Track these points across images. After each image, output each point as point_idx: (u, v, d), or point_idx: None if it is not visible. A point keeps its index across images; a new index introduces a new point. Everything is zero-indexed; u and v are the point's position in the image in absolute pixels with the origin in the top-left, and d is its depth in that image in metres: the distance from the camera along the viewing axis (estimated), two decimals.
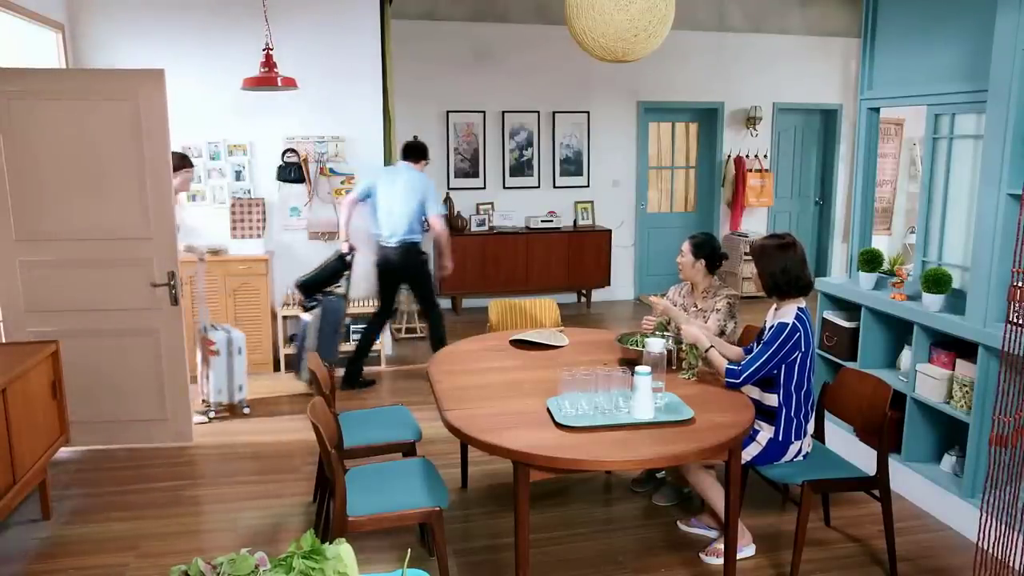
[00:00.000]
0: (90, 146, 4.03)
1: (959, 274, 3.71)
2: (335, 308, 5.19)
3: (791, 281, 2.97)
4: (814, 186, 9.04)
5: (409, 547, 3.25)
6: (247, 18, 5.30)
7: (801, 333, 2.92)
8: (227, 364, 4.77)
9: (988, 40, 3.22)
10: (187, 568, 1.26)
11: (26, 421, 3.26)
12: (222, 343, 4.75)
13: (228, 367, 4.78)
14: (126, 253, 4.14)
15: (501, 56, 7.69)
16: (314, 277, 5.23)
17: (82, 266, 4.12)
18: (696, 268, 3.58)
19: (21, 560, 3.20)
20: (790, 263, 2.97)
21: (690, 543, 3.32)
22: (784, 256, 2.98)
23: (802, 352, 2.94)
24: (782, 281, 2.98)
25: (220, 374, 4.77)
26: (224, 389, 4.80)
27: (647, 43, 2.49)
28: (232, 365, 4.79)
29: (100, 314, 4.17)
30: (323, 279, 5.24)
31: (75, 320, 4.14)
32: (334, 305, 5.19)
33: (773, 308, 3.12)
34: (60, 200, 4.04)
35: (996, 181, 3.17)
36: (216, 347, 4.73)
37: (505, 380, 3.14)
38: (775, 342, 2.92)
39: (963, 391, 3.39)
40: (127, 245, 4.14)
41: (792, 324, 2.92)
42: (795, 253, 3.00)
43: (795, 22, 8.31)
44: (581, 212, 8.12)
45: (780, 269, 2.97)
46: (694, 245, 3.58)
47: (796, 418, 3.00)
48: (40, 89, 3.97)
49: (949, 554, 3.24)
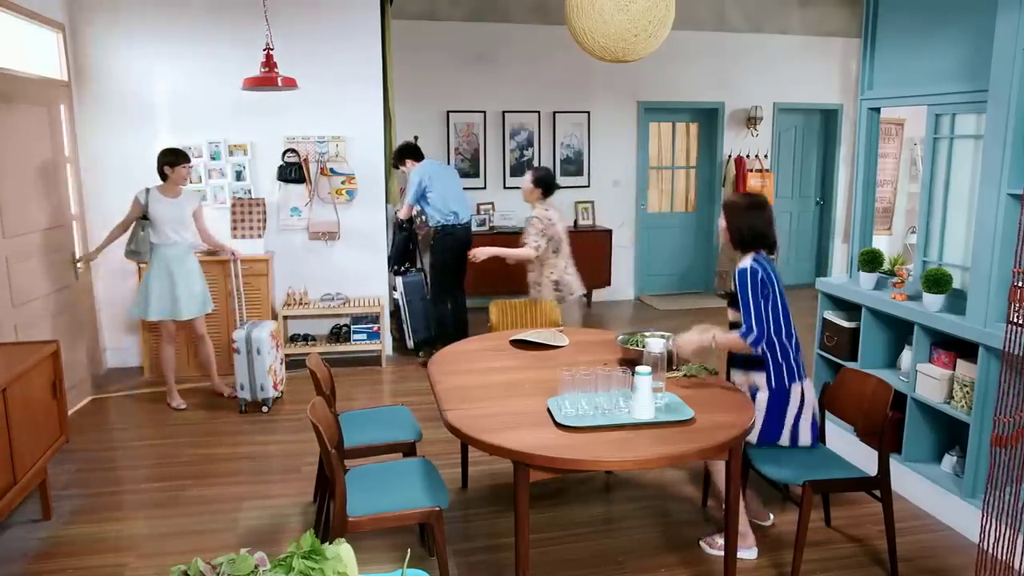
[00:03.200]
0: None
1: (959, 274, 3.70)
2: (416, 285, 5.82)
3: (756, 238, 3.09)
4: (815, 186, 9.04)
5: (409, 547, 3.25)
6: (247, 18, 5.29)
7: (761, 271, 3.02)
8: (247, 362, 4.82)
9: (988, 40, 3.22)
10: (187, 568, 1.26)
11: (26, 421, 3.25)
12: (241, 341, 4.79)
13: (248, 365, 4.82)
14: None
15: (502, 56, 7.69)
16: (393, 252, 6.12)
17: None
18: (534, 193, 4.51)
19: (21, 560, 3.20)
20: (757, 222, 3.10)
21: (690, 544, 3.32)
22: (752, 215, 3.11)
23: (772, 291, 3.02)
24: (748, 237, 3.10)
25: (242, 371, 4.84)
26: (247, 385, 4.86)
27: (647, 44, 2.48)
28: (252, 363, 4.82)
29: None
30: (400, 250, 6.09)
31: None
32: (415, 283, 5.77)
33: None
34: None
35: (996, 181, 3.17)
36: (236, 344, 4.80)
37: (505, 380, 3.14)
38: (746, 289, 3.01)
39: (964, 391, 3.39)
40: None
41: (749, 267, 3.03)
42: (764, 213, 3.12)
43: (795, 22, 8.31)
44: (582, 212, 8.11)
45: (747, 226, 3.10)
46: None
47: (785, 362, 3.04)
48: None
49: (950, 554, 3.23)
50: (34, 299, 4.56)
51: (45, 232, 4.75)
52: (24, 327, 4.39)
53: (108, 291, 5.68)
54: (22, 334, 4.31)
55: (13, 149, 4.42)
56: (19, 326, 4.33)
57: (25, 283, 4.44)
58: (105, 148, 5.55)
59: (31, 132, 4.68)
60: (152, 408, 5.04)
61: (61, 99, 5.18)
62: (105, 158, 5.55)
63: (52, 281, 4.80)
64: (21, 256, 4.40)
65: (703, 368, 3.17)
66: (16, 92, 4.48)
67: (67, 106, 5.27)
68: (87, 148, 5.51)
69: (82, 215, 5.44)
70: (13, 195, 4.35)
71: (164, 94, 5.57)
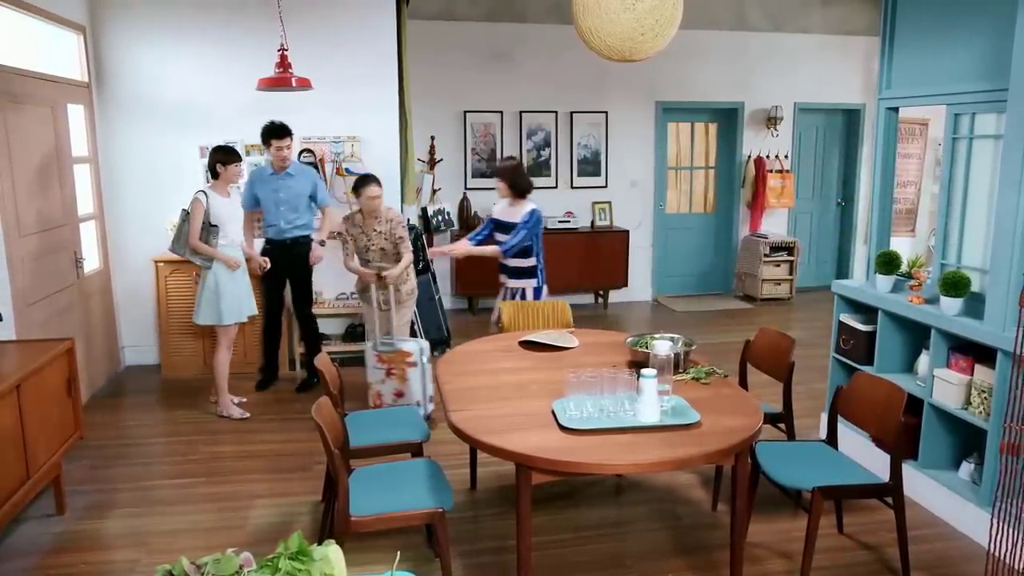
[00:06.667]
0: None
1: (979, 277, 3.62)
2: (425, 285, 5.82)
3: (528, 183, 4.69)
4: (836, 187, 8.92)
5: (417, 547, 3.26)
6: (265, 19, 5.33)
7: (540, 214, 4.65)
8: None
9: (1009, 38, 3.15)
10: (171, 568, 1.26)
11: (40, 417, 3.30)
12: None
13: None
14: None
15: (519, 56, 7.68)
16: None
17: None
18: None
19: (35, 554, 3.25)
20: (518, 175, 4.67)
21: (698, 547, 3.28)
22: (516, 170, 4.71)
23: (542, 227, 4.70)
24: (524, 184, 4.64)
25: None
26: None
27: (653, 43, 2.46)
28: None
29: None
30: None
31: None
32: (424, 283, 5.76)
33: (506, 204, 4.68)
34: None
35: (1016, 182, 3.10)
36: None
37: (512, 381, 3.13)
38: (530, 222, 4.53)
39: (981, 397, 3.32)
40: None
41: (535, 209, 4.60)
42: (522, 168, 4.95)
43: (816, 21, 8.20)
44: (599, 212, 8.08)
45: (519, 181, 4.64)
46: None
47: (545, 271, 4.70)
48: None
49: (965, 563, 3.16)
50: (50, 296, 4.62)
51: (60, 230, 4.81)
52: (42, 324, 4.45)
53: (127, 290, 5.75)
54: (40, 331, 4.37)
55: (32, 148, 4.49)
56: (37, 323, 4.40)
57: (40, 281, 4.50)
58: (124, 148, 5.62)
59: (49, 132, 4.74)
60: (168, 405, 5.10)
61: (81, 100, 5.25)
62: (124, 158, 5.63)
63: (65, 280, 4.85)
64: (36, 254, 4.46)
65: (713, 371, 3.14)
66: (34, 94, 4.54)
67: (87, 107, 5.35)
68: (106, 148, 5.58)
69: (101, 214, 5.51)
70: (28, 194, 4.41)
71: (182, 94, 5.62)
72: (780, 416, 3.53)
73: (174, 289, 5.51)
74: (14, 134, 4.23)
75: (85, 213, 5.25)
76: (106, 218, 5.59)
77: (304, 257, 5.27)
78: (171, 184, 5.58)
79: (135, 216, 5.66)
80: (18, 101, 4.32)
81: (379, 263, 4.68)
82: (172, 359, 5.60)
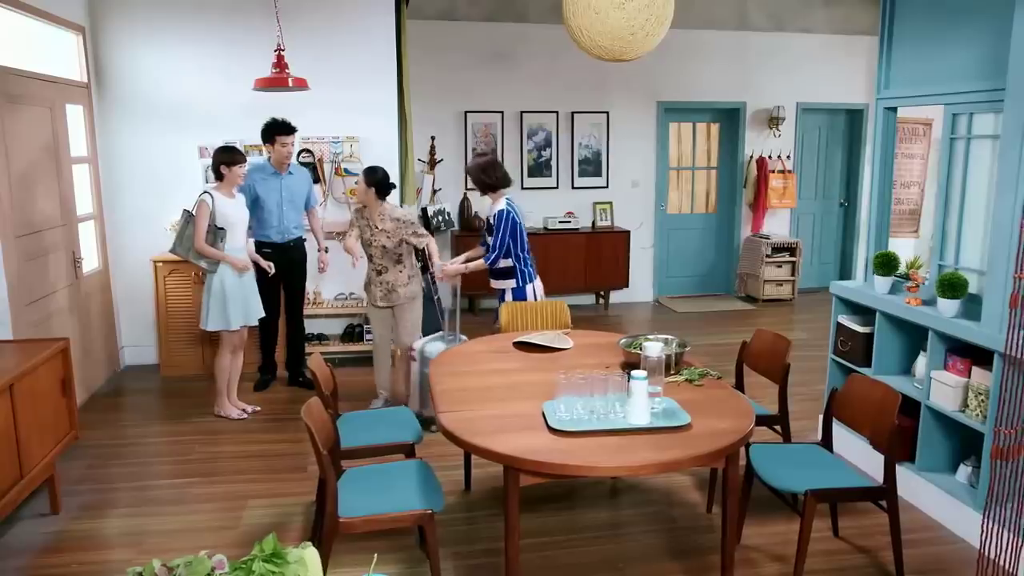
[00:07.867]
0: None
1: (976, 279, 3.60)
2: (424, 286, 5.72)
3: (494, 179, 4.46)
4: (839, 187, 8.87)
5: (410, 548, 3.25)
6: (264, 19, 5.33)
7: (512, 212, 4.42)
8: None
9: (1006, 38, 3.12)
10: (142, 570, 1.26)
11: (34, 417, 3.30)
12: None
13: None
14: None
15: (519, 56, 7.67)
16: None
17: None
18: (368, 194, 4.55)
19: (28, 554, 3.26)
20: (490, 170, 4.46)
21: (692, 550, 3.27)
22: (488, 167, 4.48)
23: (519, 226, 4.45)
24: (489, 181, 4.45)
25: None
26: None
27: (644, 42, 2.44)
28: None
29: None
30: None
31: None
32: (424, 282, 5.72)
33: (489, 202, 4.52)
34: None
35: (1013, 183, 3.07)
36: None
37: (504, 383, 3.11)
38: (502, 225, 4.36)
39: (978, 399, 3.29)
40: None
41: (504, 209, 4.39)
42: (497, 165, 4.55)
43: (819, 21, 8.16)
44: (600, 213, 8.06)
45: (482, 178, 4.47)
46: (365, 174, 4.59)
47: (526, 269, 4.52)
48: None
49: (961, 567, 3.14)
50: (47, 296, 4.63)
51: (58, 230, 4.82)
52: (40, 324, 4.46)
53: (127, 290, 5.76)
54: (37, 331, 4.38)
55: (30, 149, 4.50)
56: (34, 323, 4.40)
57: (37, 281, 4.51)
58: (123, 148, 5.63)
59: (47, 132, 4.75)
60: (167, 405, 5.10)
61: (80, 100, 5.27)
62: (123, 158, 5.64)
63: (63, 280, 4.85)
64: (33, 254, 4.46)
65: (706, 372, 3.12)
66: (33, 94, 4.55)
67: (86, 107, 5.36)
68: (105, 148, 5.59)
69: (100, 214, 5.52)
70: (26, 194, 4.42)
71: (181, 94, 5.63)
72: (776, 418, 3.51)
73: (173, 289, 5.52)
74: (12, 134, 4.24)
75: (84, 213, 5.26)
76: (105, 218, 5.60)
77: (300, 259, 5.27)
78: (170, 184, 5.59)
79: (134, 216, 5.68)
80: (16, 101, 4.33)
81: (380, 261, 4.68)
82: (171, 359, 5.61)
